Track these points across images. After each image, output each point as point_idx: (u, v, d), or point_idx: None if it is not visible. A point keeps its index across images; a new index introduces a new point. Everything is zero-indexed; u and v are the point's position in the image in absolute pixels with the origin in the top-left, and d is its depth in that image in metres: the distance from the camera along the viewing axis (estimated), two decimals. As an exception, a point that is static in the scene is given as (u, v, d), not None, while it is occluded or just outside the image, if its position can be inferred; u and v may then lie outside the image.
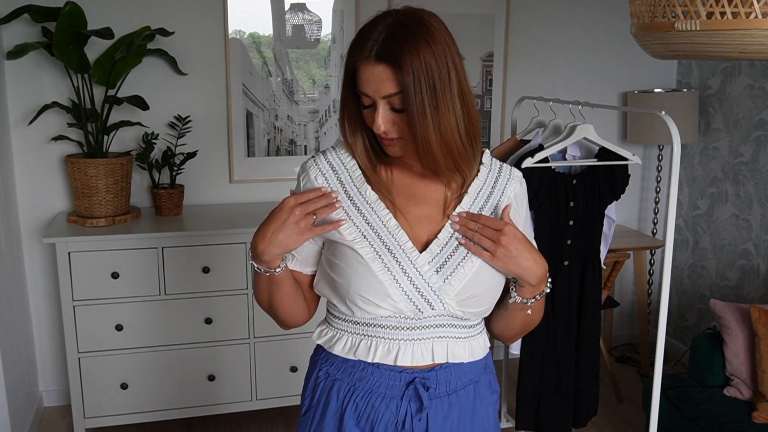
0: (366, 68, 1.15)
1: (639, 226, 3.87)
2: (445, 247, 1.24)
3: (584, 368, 2.60)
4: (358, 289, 1.22)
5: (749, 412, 2.45)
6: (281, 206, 1.18)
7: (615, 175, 2.48)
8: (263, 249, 1.19)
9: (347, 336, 1.29)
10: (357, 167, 1.28)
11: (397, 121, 1.18)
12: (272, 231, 1.18)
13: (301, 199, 1.18)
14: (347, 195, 1.26)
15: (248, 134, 3.20)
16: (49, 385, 3.21)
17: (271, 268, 1.22)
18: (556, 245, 2.46)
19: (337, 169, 1.28)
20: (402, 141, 1.20)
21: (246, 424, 3.08)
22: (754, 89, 3.27)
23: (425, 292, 1.22)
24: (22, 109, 2.93)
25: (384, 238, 1.23)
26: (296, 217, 1.16)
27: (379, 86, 1.15)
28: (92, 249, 2.67)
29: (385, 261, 1.22)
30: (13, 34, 2.86)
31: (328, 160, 1.29)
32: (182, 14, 3.02)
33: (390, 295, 1.21)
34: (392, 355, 1.25)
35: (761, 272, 3.28)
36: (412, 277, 1.22)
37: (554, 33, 3.51)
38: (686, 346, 3.70)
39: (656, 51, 1.64)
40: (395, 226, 1.24)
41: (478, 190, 1.30)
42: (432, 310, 1.23)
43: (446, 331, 1.26)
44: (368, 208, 1.25)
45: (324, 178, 1.27)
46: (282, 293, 1.28)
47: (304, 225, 1.17)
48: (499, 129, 3.52)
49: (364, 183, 1.27)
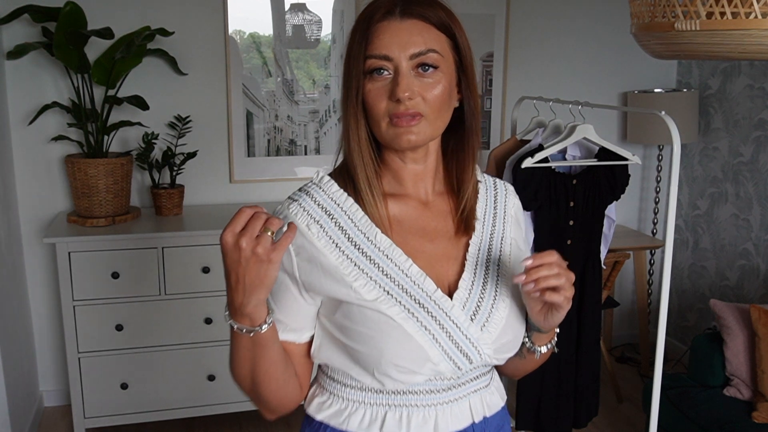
0: (388, 26, 1.01)
1: (639, 226, 3.87)
2: (473, 289, 1.09)
3: (584, 368, 2.60)
4: (392, 357, 1.02)
5: (749, 412, 2.45)
6: (224, 250, 0.93)
7: (615, 175, 2.48)
8: (240, 301, 0.96)
9: (365, 408, 1.08)
10: (357, 207, 1.07)
11: (421, 90, 1.02)
12: (236, 279, 0.94)
13: (236, 228, 0.92)
14: (353, 244, 1.05)
15: (248, 134, 3.20)
16: (49, 385, 3.21)
17: (255, 325, 0.98)
18: (556, 245, 2.46)
19: (332, 212, 1.06)
20: (423, 121, 1.03)
21: (246, 424, 3.08)
22: (754, 89, 3.27)
23: (464, 346, 1.05)
24: (22, 109, 2.93)
25: (410, 291, 1.04)
26: (247, 250, 0.91)
27: (408, 43, 1.00)
28: (92, 249, 2.67)
29: (420, 318, 1.03)
30: (13, 34, 2.86)
31: (317, 201, 1.06)
32: (182, 14, 3.02)
33: (430, 359, 1.03)
34: (430, 423, 1.07)
35: (761, 272, 3.28)
36: (450, 332, 1.04)
37: (554, 33, 3.51)
38: (686, 346, 3.70)
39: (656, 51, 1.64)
40: (418, 274, 1.05)
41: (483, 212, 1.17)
42: (470, 364, 1.07)
43: (478, 383, 1.13)
44: (382, 256, 1.05)
45: (318, 225, 1.04)
46: (268, 362, 1.02)
47: (262, 251, 0.91)
48: (499, 129, 3.52)
49: (372, 226, 1.06)
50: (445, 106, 1.05)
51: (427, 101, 1.02)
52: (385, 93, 1.02)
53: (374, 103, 1.02)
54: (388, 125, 1.03)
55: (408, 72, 1.01)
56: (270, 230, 0.92)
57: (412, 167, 1.10)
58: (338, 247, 1.04)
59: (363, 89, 1.03)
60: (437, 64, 1.02)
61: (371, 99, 1.02)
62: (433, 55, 1.02)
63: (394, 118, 1.02)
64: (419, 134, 1.03)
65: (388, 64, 1.01)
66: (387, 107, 1.02)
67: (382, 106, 1.02)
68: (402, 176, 1.10)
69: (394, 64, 1.01)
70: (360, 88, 1.03)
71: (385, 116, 1.02)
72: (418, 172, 1.10)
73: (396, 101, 1.00)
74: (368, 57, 1.01)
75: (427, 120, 1.03)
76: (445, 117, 1.07)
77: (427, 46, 1.01)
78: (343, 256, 1.04)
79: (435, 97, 1.02)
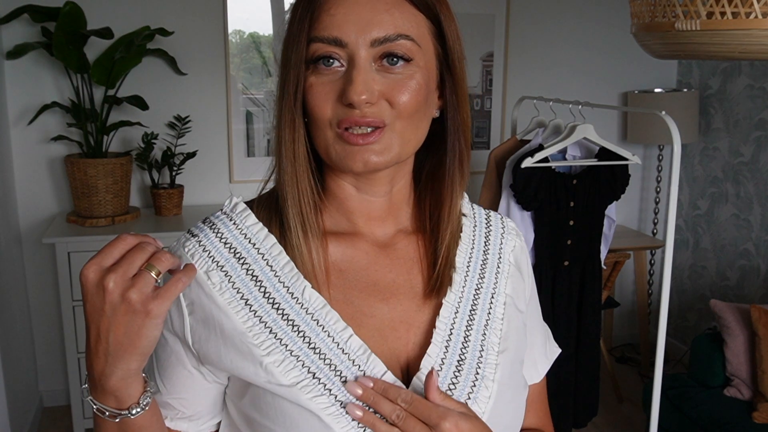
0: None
1: (639, 226, 3.87)
2: (443, 370, 0.76)
3: (584, 368, 2.60)
4: None
5: (749, 412, 2.45)
6: (83, 291, 0.66)
7: (615, 175, 2.48)
8: (101, 369, 0.67)
9: None
10: (279, 248, 0.76)
11: (386, 91, 0.72)
12: (97, 335, 0.66)
13: (105, 261, 0.65)
14: (269, 301, 0.74)
15: (248, 134, 3.20)
16: (49, 385, 3.21)
17: (123, 408, 0.69)
18: (556, 245, 2.46)
19: (243, 253, 0.76)
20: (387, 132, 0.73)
21: (246, 425, 3.08)
22: (754, 89, 3.27)
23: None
24: (22, 109, 2.93)
25: (346, 374, 0.73)
26: (115, 294, 0.64)
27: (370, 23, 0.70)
28: (92, 249, 2.67)
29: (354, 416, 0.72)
30: (13, 34, 2.85)
31: (224, 238, 0.76)
32: (182, 14, 3.02)
33: None
34: None
35: (761, 272, 3.28)
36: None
37: (554, 33, 3.51)
38: (686, 346, 3.70)
39: (656, 51, 1.64)
40: (360, 349, 0.74)
41: (466, 259, 0.84)
42: None
43: None
44: (310, 321, 0.74)
45: (222, 272, 0.74)
46: None
47: (137, 297, 0.64)
48: (499, 129, 3.51)
49: (299, 277, 0.75)
50: (419, 113, 0.75)
51: (395, 106, 0.72)
52: (334, 92, 0.72)
53: (317, 105, 0.72)
54: (336, 139, 0.73)
55: (368, 65, 0.71)
56: (156, 269, 0.65)
57: (367, 199, 0.80)
58: (248, 305, 0.74)
59: (304, 84, 0.73)
60: (410, 56, 0.72)
61: (313, 99, 0.72)
62: (405, 43, 0.72)
63: (343, 129, 0.72)
64: (381, 154, 0.73)
65: (339, 51, 0.71)
66: (335, 113, 0.72)
67: (328, 110, 0.72)
68: (350, 209, 0.80)
69: (349, 53, 0.71)
70: (300, 83, 0.73)
71: (332, 126, 0.73)
72: (375, 207, 0.80)
73: (348, 105, 0.71)
74: (312, 40, 0.71)
75: (393, 132, 0.73)
76: (420, 129, 0.76)
77: (397, 30, 0.71)
78: (255, 319, 0.73)
79: (405, 102, 0.72)
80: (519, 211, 2.43)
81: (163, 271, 0.66)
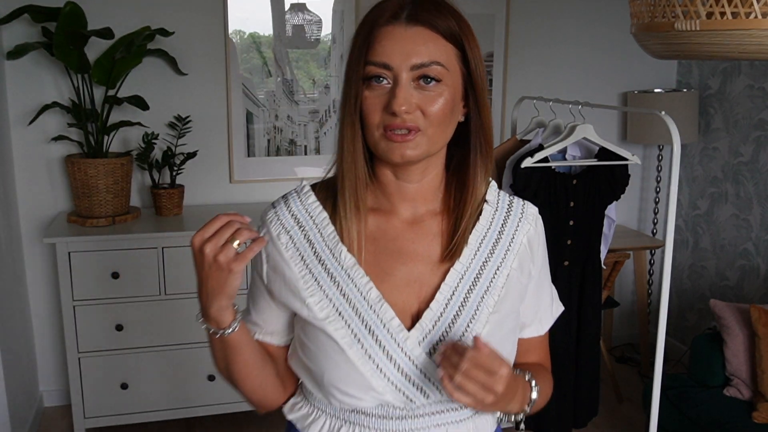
0: (392, 31, 0.95)
1: (639, 226, 3.87)
2: (440, 321, 1.01)
3: (584, 368, 2.60)
4: (332, 380, 1.00)
5: (749, 412, 2.45)
6: (192, 253, 0.95)
7: (615, 175, 2.48)
8: (204, 302, 0.98)
9: (326, 418, 1.07)
10: (328, 221, 1.04)
11: (421, 104, 0.96)
12: (200, 282, 0.96)
13: (206, 234, 0.93)
14: (317, 258, 1.02)
15: (248, 134, 3.20)
16: (49, 385, 3.21)
17: (221, 328, 0.99)
18: (556, 245, 2.46)
19: (304, 223, 1.04)
20: (420, 136, 0.97)
21: (246, 424, 3.08)
22: (754, 89, 3.27)
23: (417, 380, 1.00)
24: (22, 109, 2.93)
25: (364, 315, 1.00)
26: (210, 257, 0.92)
27: (411, 53, 0.94)
28: (92, 249, 2.67)
29: (366, 346, 0.99)
30: (13, 34, 2.86)
31: (292, 212, 1.05)
32: (182, 14, 3.02)
33: (373, 387, 0.99)
34: None
35: (761, 272, 3.28)
36: (399, 364, 0.99)
37: (554, 33, 3.51)
38: (686, 346, 3.70)
39: (656, 51, 1.64)
40: (377, 298, 1.00)
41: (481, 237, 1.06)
42: (426, 399, 1.01)
43: (445, 417, 1.05)
44: (344, 275, 1.01)
45: (289, 236, 1.04)
46: (240, 362, 1.03)
47: (224, 260, 0.92)
48: (499, 129, 3.52)
49: (338, 243, 1.02)
50: (446, 121, 0.98)
51: (427, 116, 0.96)
52: (382, 103, 0.96)
53: (369, 112, 0.97)
54: (381, 137, 0.97)
55: (407, 84, 0.95)
56: (236, 240, 0.92)
57: (403, 185, 1.04)
58: (303, 260, 1.03)
59: (361, 95, 0.97)
60: (440, 77, 0.96)
61: (367, 107, 0.97)
62: (436, 68, 0.95)
63: (387, 130, 0.96)
64: (415, 150, 0.97)
65: (387, 72, 0.95)
66: (382, 118, 0.96)
67: (377, 116, 0.96)
68: (390, 192, 1.04)
69: (394, 74, 0.95)
70: (359, 94, 0.97)
71: (380, 127, 0.97)
72: (410, 190, 1.04)
73: (392, 113, 0.95)
74: (367, 63, 0.96)
75: (425, 135, 0.97)
76: (447, 133, 1.00)
77: (431, 58, 0.95)
78: (306, 270, 1.02)
79: (435, 112, 0.96)
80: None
81: (242, 241, 0.92)
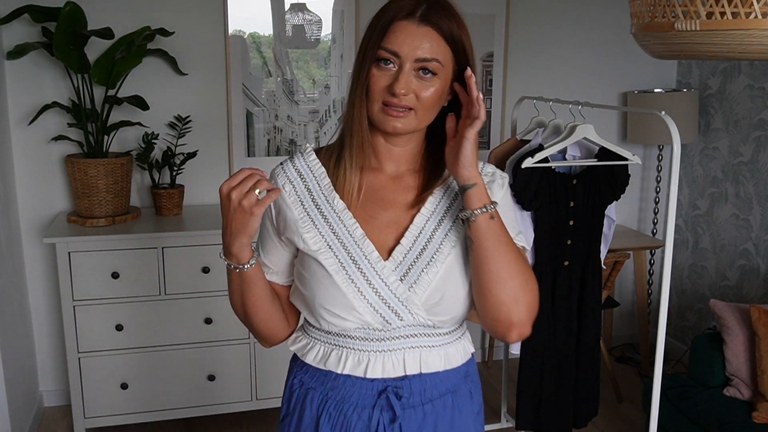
0: (406, 27, 1.15)
1: (639, 226, 3.87)
2: (409, 254, 1.22)
3: (584, 368, 2.60)
4: (322, 301, 1.21)
5: (749, 412, 2.45)
6: (220, 199, 1.15)
7: (615, 175, 2.48)
8: (228, 241, 1.17)
9: (319, 345, 1.27)
10: (325, 175, 1.26)
11: (417, 89, 1.16)
12: (226, 223, 1.16)
13: (233, 183, 1.13)
14: (314, 203, 1.24)
15: (248, 134, 3.20)
16: (49, 385, 3.21)
17: (240, 264, 1.19)
18: (556, 245, 2.46)
19: (306, 176, 1.27)
20: (412, 115, 1.18)
21: (246, 424, 3.08)
22: (754, 89, 3.27)
23: (392, 303, 1.20)
24: (22, 109, 2.93)
25: (349, 248, 1.21)
26: (236, 202, 1.12)
27: (417, 47, 1.14)
28: (92, 249, 2.67)
29: (350, 272, 1.20)
30: (13, 34, 2.86)
31: (296, 167, 1.28)
32: (182, 14, 3.02)
33: (355, 308, 1.20)
34: (362, 366, 1.23)
35: (761, 272, 3.28)
36: (377, 288, 1.20)
37: (554, 33, 3.51)
38: (686, 346, 3.70)
39: (656, 51, 1.64)
40: (361, 236, 1.22)
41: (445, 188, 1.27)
42: (400, 320, 1.21)
43: (418, 341, 1.24)
44: (335, 217, 1.23)
45: (292, 185, 1.26)
46: (254, 296, 1.24)
47: (247, 204, 1.12)
48: (499, 129, 3.52)
49: (332, 191, 1.25)
50: (434, 106, 1.20)
51: (420, 100, 1.17)
52: (386, 82, 1.16)
53: (374, 87, 1.17)
54: (380, 110, 1.18)
55: (409, 72, 1.15)
56: (258, 189, 1.12)
57: (390, 148, 1.26)
58: (302, 204, 1.25)
59: (369, 72, 1.17)
60: (436, 71, 1.16)
61: (373, 83, 1.17)
62: (435, 64, 1.16)
63: (386, 105, 1.17)
64: (405, 125, 1.18)
65: (395, 59, 1.15)
66: (383, 95, 1.16)
67: (380, 92, 1.17)
68: (379, 152, 1.26)
69: (401, 62, 1.15)
70: (368, 71, 1.17)
71: (380, 101, 1.17)
72: (395, 153, 1.26)
73: (392, 93, 1.15)
74: (381, 48, 1.16)
75: (415, 115, 1.18)
76: (432, 114, 1.21)
77: (432, 55, 1.15)
78: (304, 212, 1.24)
79: (427, 98, 1.17)
80: (519, 211, 2.43)
81: (262, 190, 1.12)
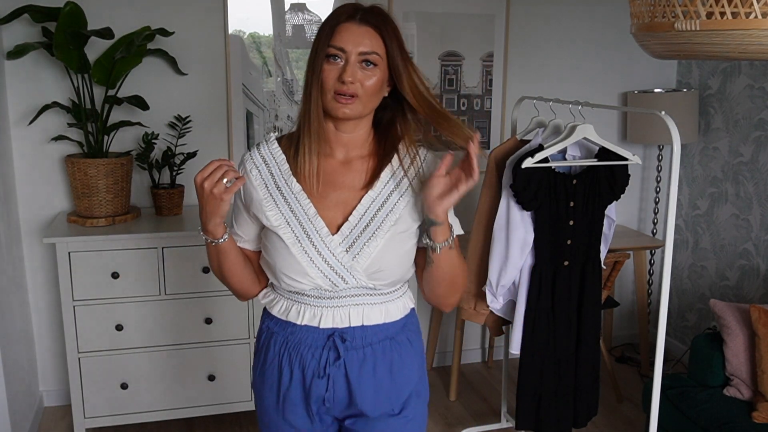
0: (349, 27, 1.39)
1: (639, 226, 3.87)
2: (355, 229, 1.45)
3: (584, 368, 2.60)
4: (282, 268, 1.46)
5: (749, 412, 2.45)
6: (195, 187, 1.38)
7: (615, 175, 2.48)
8: (204, 221, 1.43)
9: (283, 300, 1.54)
10: (284, 161, 1.48)
11: (361, 79, 1.38)
12: (201, 207, 1.40)
13: (204, 173, 1.36)
14: (276, 186, 1.47)
15: (248, 134, 3.20)
16: (49, 385, 3.21)
17: (215, 238, 1.45)
18: (556, 245, 2.46)
19: (269, 162, 1.49)
20: (358, 101, 1.39)
21: (246, 424, 3.08)
22: (754, 89, 3.27)
23: (338, 270, 1.45)
24: (22, 109, 2.93)
25: (304, 224, 1.45)
26: (208, 190, 1.35)
27: (359, 43, 1.37)
28: (92, 249, 2.67)
29: (304, 245, 1.44)
30: (13, 34, 2.86)
31: (261, 154, 1.50)
32: (182, 14, 3.02)
33: (308, 274, 1.44)
34: (316, 319, 1.49)
35: (761, 272, 3.28)
36: (326, 258, 1.44)
37: (554, 33, 3.51)
38: (686, 346, 3.70)
39: (656, 51, 1.64)
40: (314, 214, 1.45)
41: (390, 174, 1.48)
42: (345, 284, 1.46)
43: (361, 300, 1.49)
44: (293, 197, 1.46)
45: (258, 171, 1.49)
46: (228, 262, 1.51)
47: (217, 192, 1.35)
48: (499, 129, 3.52)
49: (291, 176, 1.47)
50: (376, 93, 1.42)
51: (364, 87, 1.38)
52: (336, 74, 1.37)
53: (326, 79, 1.38)
54: (332, 99, 1.39)
55: (355, 63, 1.37)
56: (226, 179, 1.35)
57: (340, 134, 1.47)
58: (266, 186, 1.47)
59: (321, 67, 1.38)
60: (376, 63, 1.39)
61: (325, 76, 1.38)
62: (375, 56, 1.39)
63: (336, 94, 1.38)
64: (352, 110, 1.40)
65: (342, 54, 1.38)
66: (333, 85, 1.37)
67: (331, 83, 1.38)
68: (330, 139, 1.47)
69: (347, 56, 1.37)
70: (321, 67, 1.38)
71: (331, 91, 1.38)
72: (344, 139, 1.47)
73: (341, 82, 1.36)
74: (330, 46, 1.38)
75: (360, 101, 1.39)
76: (375, 101, 1.43)
77: (372, 49, 1.38)
78: (267, 193, 1.47)
79: (370, 86, 1.39)
80: (519, 211, 2.43)
81: (230, 179, 1.35)
